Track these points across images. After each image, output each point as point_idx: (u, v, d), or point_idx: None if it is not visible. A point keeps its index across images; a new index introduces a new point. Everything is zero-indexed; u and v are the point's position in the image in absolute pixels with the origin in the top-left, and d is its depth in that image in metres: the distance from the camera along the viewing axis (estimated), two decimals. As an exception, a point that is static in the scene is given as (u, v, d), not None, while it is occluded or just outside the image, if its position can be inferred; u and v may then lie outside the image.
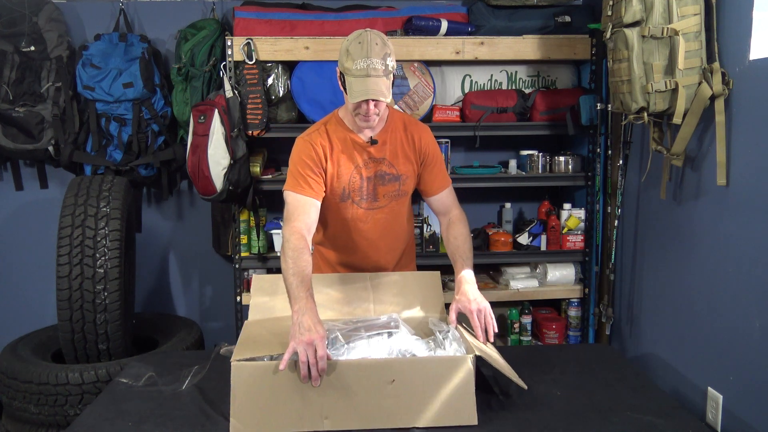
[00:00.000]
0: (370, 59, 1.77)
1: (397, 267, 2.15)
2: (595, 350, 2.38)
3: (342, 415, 1.57)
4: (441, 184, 2.06)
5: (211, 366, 1.90)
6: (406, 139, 2.00)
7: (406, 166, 2.00)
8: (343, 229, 2.04)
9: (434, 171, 2.04)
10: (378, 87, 1.78)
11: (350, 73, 1.79)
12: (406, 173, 2.00)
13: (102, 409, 1.68)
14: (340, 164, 1.95)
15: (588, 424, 1.61)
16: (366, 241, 2.05)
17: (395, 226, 2.08)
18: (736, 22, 2.04)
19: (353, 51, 1.79)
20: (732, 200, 2.07)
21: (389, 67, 1.81)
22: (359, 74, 1.77)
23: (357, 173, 1.96)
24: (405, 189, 2.03)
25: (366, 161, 1.97)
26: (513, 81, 3.13)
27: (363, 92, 1.78)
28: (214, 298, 3.39)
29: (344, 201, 1.98)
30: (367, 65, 1.76)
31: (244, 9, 2.91)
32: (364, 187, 1.98)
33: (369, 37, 1.80)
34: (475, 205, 3.35)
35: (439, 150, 2.07)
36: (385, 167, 1.98)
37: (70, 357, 2.54)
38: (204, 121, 2.69)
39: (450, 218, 2.07)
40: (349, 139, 1.95)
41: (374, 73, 1.77)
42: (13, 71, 2.89)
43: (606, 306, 2.93)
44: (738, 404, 2.06)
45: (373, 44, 1.78)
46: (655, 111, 2.18)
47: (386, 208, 2.02)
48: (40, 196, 3.20)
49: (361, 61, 1.77)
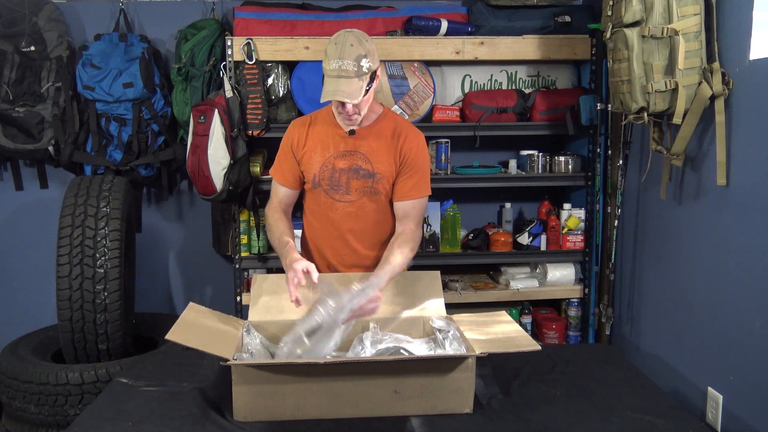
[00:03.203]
0: (342, 60, 1.80)
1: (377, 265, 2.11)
2: (595, 350, 2.38)
3: (340, 407, 1.59)
4: (408, 193, 2.02)
5: (211, 366, 1.90)
6: (391, 141, 2.00)
7: (384, 165, 2.00)
8: (317, 215, 2.10)
9: (408, 178, 2.01)
10: (347, 88, 1.82)
11: (326, 72, 1.86)
12: (382, 173, 2.00)
13: (102, 409, 1.68)
14: (315, 152, 2.02)
15: (588, 424, 1.61)
16: (336, 232, 2.08)
17: (368, 223, 2.05)
18: (736, 22, 2.04)
19: (329, 51, 1.84)
20: (732, 200, 2.07)
21: (363, 69, 1.83)
22: (332, 74, 1.83)
23: (330, 162, 2.01)
24: (378, 188, 2.01)
25: (342, 152, 2.01)
26: (513, 81, 3.13)
27: (331, 92, 1.83)
28: (214, 298, 3.38)
29: (315, 188, 2.04)
30: (338, 66, 1.81)
31: (244, 9, 2.91)
32: (335, 178, 2.01)
33: (345, 38, 1.84)
34: (475, 205, 3.35)
35: (421, 159, 2.02)
36: (360, 161, 2.00)
37: (70, 357, 2.54)
38: (204, 121, 2.69)
39: (404, 231, 2.01)
40: (330, 129, 2.02)
41: (345, 74, 1.81)
42: (13, 71, 2.89)
43: (606, 306, 2.93)
44: (738, 404, 2.06)
45: (348, 45, 1.82)
46: (655, 111, 2.18)
47: (357, 202, 2.03)
48: (40, 196, 3.20)
49: (334, 62, 1.82)
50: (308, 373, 1.58)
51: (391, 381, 1.60)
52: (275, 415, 1.59)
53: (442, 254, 3.05)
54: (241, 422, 1.58)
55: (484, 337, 1.72)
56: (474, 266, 3.31)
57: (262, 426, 1.58)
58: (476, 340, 1.69)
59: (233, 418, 1.60)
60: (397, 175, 2.02)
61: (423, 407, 1.62)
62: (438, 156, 2.99)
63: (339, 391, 1.59)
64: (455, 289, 3.02)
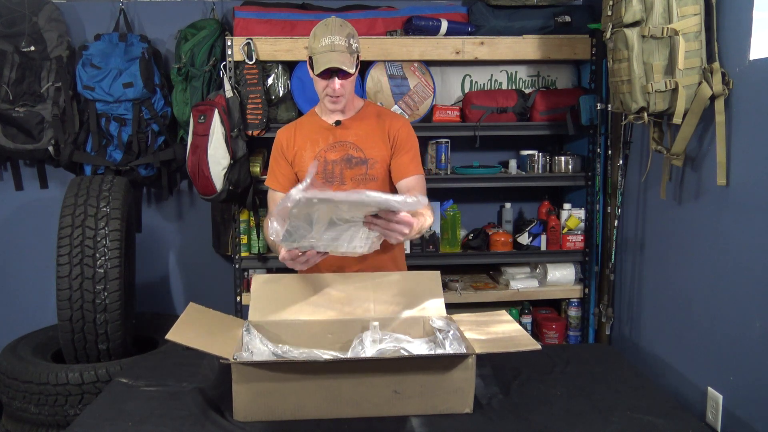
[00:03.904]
0: (334, 36, 1.87)
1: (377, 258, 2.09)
2: (595, 350, 2.38)
3: (340, 406, 1.59)
4: (407, 169, 2.04)
5: (211, 366, 1.90)
6: (377, 125, 2.04)
7: (375, 150, 2.03)
8: None
9: (403, 157, 2.04)
10: (341, 59, 1.86)
11: (316, 51, 1.89)
12: (375, 158, 2.03)
13: (102, 409, 1.68)
14: (305, 149, 2.04)
15: (588, 424, 1.61)
16: None
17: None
18: (736, 22, 2.04)
19: (318, 32, 1.90)
20: (732, 200, 2.07)
21: (353, 47, 1.90)
22: (324, 50, 1.87)
23: (321, 156, 2.03)
24: (373, 173, 2.04)
25: (331, 144, 2.03)
26: (513, 81, 3.13)
27: (325, 62, 1.86)
28: (214, 298, 3.37)
29: None
30: (331, 41, 1.86)
31: (244, 9, 2.91)
32: (328, 170, 2.03)
33: (333, 20, 1.92)
34: (475, 205, 3.35)
35: (412, 139, 2.06)
36: (351, 150, 2.03)
37: (70, 357, 2.54)
38: (204, 121, 2.69)
39: None
40: (315, 124, 2.06)
41: (338, 48, 1.87)
42: (13, 71, 2.89)
43: (606, 306, 2.93)
44: (738, 404, 2.06)
45: (337, 25, 1.90)
46: (655, 111, 2.18)
47: None
48: (40, 196, 3.20)
49: (325, 39, 1.87)
50: (308, 372, 1.58)
51: (391, 380, 1.60)
52: (275, 414, 1.59)
53: (442, 254, 3.05)
54: (241, 422, 1.58)
55: (485, 337, 1.72)
56: (474, 266, 3.31)
57: (262, 426, 1.57)
58: (476, 340, 1.69)
59: (233, 418, 1.60)
60: (391, 157, 2.04)
61: (423, 407, 1.62)
62: (438, 156, 2.99)
63: (339, 391, 1.59)
64: (455, 289, 3.02)
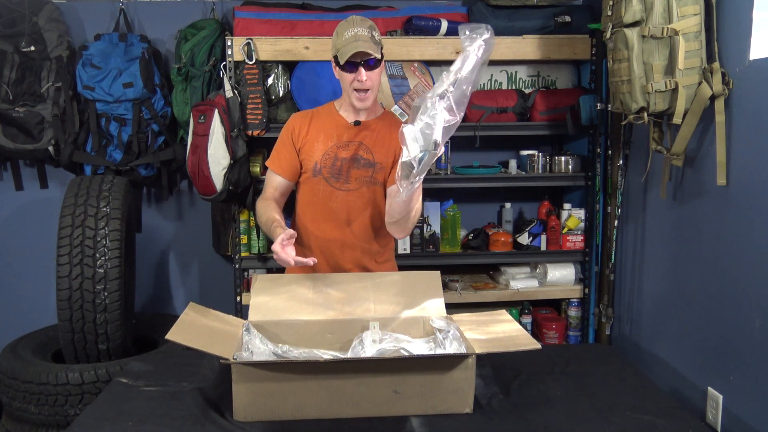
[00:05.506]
0: (356, 28, 1.93)
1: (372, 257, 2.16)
2: (595, 350, 2.38)
3: (340, 406, 1.60)
4: None
5: (211, 366, 1.90)
6: (391, 134, 2.06)
7: (384, 156, 2.06)
8: (315, 203, 2.11)
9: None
10: (366, 45, 1.90)
11: (340, 45, 1.93)
12: (382, 163, 2.07)
13: (102, 409, 1.68)
14: (318, 140, 2.07)
15: (588, 424, 1.61)
16: (335, 221, 2.09)
17: (365, 211, 2.09)
18: (736, 22, 2.04)
19: (341, 29, 1.97)
20: (732, 200, 2.07)
21: (376, 38, 1.96)
22: (348, 41, 1.92)
23: (333, 151, 2.06)
24: (377, 178, 2.07)
25: (345, 142, 2.06)
26: (513, 81, 3.13)
27: (351, 49, 1.90)
28: (214, 298, 3.38)
29: (316, 176, 2.07)
30: (354, 33, 1.92)
31: (244, 9, 2.91)
32: (336, 166, 2.05)
33: (353, 16, 1.99)
34: (475, 205, 3.35)
35: None
36: (362, 152, 2.06)
37: (70, 357, 2.54)
38: (204, 121, 2.69)
39: None
40: (332, 118, 2.09)
41: (362, 38, 1.92)
42: (13, 71, 2.89)
43: (606, 306, 2.93)
44: (738, 404, 2.06)
45: (358, 19, 1.97)
46: (655, 111, 2.18)
47: (356, 191, 2.07)
48: (40, 196, 3.20)
49: (349, 31, 1.93)
50: (308, 372, 1.58)
51: (391, 380, 1.60)
52: (275, 414, 1.59)
53: (442, 254, 3.05)
54: (241, 422, 1.58)
55: (485, 337, 1.72)
56: (474, 266, 3.31)
57: (262, 426, 1.57)
58: (476, 340, 1.69)
59: (233, 418, 1.60)
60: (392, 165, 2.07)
61: (423, 407, 1.62)
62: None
63: (339, 391, 1.59)
64: (455, 289, 3.02)
